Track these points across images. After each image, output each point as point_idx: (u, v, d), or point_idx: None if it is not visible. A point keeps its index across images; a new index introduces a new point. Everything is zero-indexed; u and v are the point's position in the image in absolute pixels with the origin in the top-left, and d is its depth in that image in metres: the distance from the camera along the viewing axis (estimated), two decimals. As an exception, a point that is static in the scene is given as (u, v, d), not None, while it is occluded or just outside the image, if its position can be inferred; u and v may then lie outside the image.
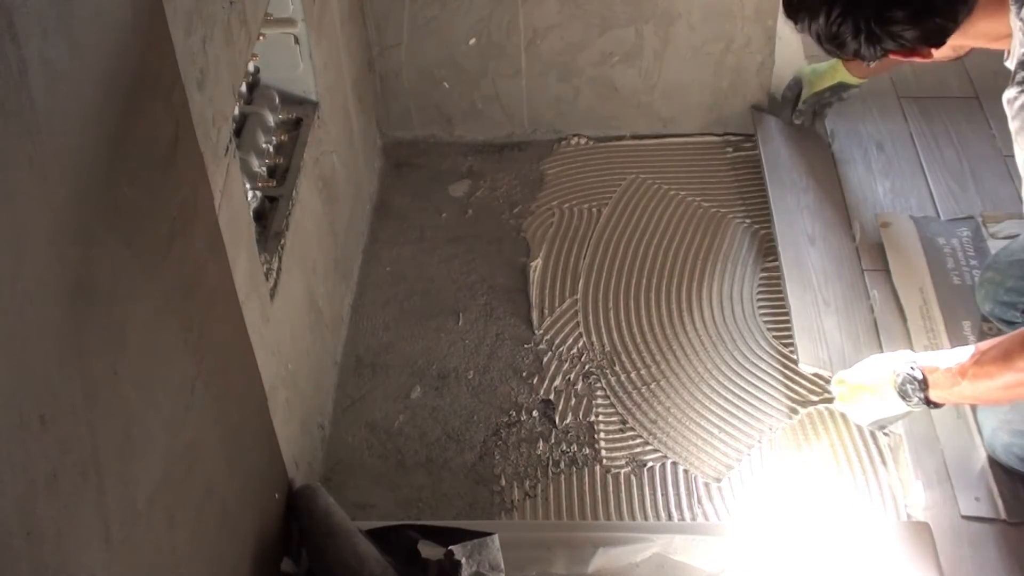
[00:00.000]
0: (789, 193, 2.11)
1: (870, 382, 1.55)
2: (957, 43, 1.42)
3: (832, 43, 1.40)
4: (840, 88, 2.09)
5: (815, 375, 1.78)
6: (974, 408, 1.65)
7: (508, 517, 1.62)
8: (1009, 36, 1.36)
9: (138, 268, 0.99)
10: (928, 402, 1.47)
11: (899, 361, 1.51)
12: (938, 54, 1.43)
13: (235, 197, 1.28)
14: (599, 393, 1.80)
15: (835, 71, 2.07)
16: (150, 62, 1.02)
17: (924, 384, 1.46)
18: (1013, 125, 1.34)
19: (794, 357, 1.81)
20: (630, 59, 2.20)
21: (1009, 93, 1.33)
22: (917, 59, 1.43)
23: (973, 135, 2.20)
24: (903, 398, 1.49)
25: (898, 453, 1.66)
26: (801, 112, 2.18)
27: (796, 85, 2.17)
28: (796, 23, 1.42)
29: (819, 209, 2.08)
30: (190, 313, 1.12)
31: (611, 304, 1.95)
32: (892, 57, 1.41)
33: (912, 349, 1.73)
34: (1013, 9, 1.35)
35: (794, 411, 1.75)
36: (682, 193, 2.18)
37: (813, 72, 2.12)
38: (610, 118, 2.30)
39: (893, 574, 1.48)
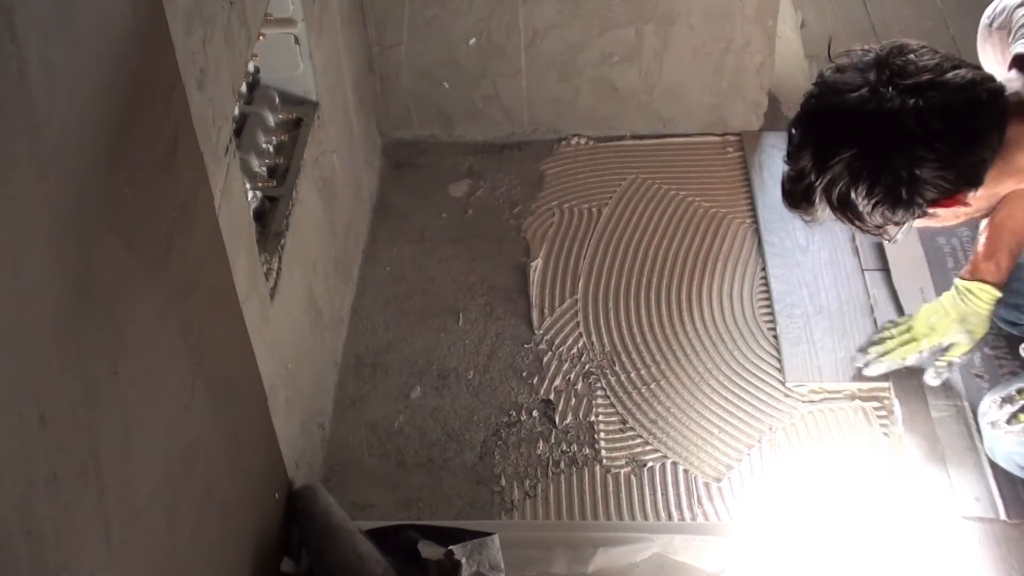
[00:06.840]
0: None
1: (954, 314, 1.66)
2: (993, 184, 1.28)
3: (866, 215, 1.25)
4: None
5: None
6: (975, 410, 1.65)
7: (508, 517, 1.62)
8: None
9: (138, 268, 0.99)
10: None
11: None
12: (976, 203, 1.30)
13: (235, 197, 1.28)
14: (599, 393, 1.80)
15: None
16: (150, 62, 1.02)
17: None
18: None
19: (794, 357, 1.81)
20: (630, 59, 2.20)
21: None
22: (961, 209, 1.29)
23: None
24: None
25: (898, 453, 1.66)
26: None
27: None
28: (805, 210, 1.29)
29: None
30: (190, 313, 1.12)
31: (611, 304, 1.95)
32: (932, 210, 1.27)
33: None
34: None
35: (794, 411, 1.75)
36: (682, 193, 2.18)
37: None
38: (610, 118, 2.30)
39: (894, 573, 1.48)
